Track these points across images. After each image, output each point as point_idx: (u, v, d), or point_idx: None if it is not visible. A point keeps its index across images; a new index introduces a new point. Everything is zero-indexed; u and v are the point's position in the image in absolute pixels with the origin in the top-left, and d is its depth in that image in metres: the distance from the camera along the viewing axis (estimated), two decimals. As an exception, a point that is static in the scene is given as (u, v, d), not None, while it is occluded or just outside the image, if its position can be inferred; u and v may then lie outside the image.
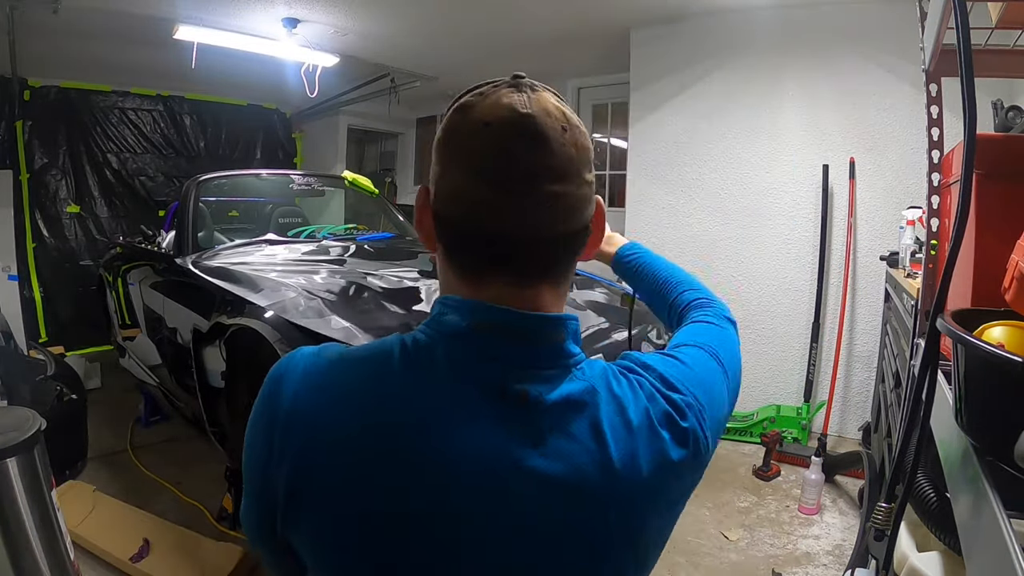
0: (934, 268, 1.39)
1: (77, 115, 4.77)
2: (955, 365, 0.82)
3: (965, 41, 0.80)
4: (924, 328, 1.33)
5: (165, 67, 4.37)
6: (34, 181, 4.55)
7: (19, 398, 2.10)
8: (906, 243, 2.15)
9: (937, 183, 1.38)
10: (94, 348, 4.37)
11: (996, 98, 1.55)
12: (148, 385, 3.04)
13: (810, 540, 2.20)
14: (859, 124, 3.07)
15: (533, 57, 4.38)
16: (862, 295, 3.14)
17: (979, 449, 0.78)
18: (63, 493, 2.03)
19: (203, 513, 2.27)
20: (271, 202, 3.60)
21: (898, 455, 1.12)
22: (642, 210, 3.73)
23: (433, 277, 2.13)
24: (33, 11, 3.18)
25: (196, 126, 5.44)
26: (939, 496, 1.17)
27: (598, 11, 3.43)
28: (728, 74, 3.41)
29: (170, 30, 3.42)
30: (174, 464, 2.70)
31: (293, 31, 3.59)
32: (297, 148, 6.19)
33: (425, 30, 3.83)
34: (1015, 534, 0.61)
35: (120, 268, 3.27)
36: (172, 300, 2.43)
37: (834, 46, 3.09)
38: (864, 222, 3.10)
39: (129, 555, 1.93)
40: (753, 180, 3.35)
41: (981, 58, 1.21)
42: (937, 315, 0.90)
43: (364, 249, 2.62)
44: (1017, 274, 0.82)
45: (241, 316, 1.77)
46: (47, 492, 1.14)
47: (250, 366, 1.93)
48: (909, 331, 1.57)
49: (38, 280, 4.57)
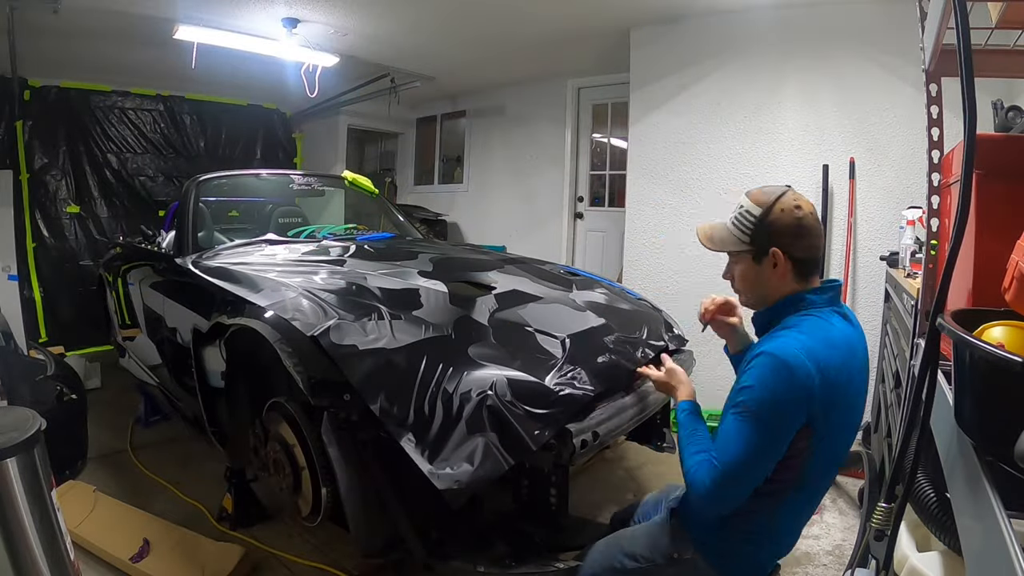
0: (934, 268, 1.39)
1: (77, 115, 4.77)
2: (955, 365, 0.82)
3: (965, 41, 0.80)
4: (924, 328, 1.33)
5: (165, 67, 4.37)
6: (34, 181, 4.55)
7: (19, 398, 2.10)
8: (906, 243, 2.16)
9: (937, 183, 1.38)
10: (94, 348, 4.37)
11: (996, 98, 1.55)
12: (148, 385, 3.04)
13: (810, 540, 2.20)
14: (859, 124, 3.07)
15: (533, 57, 4.39)
16: (862, 295, 3.14)
17: (979, 449, 0.78)
18: (63, 493, 2.03)
19: (203, 513, 2.27)
20: (271, 202, 3.60)
21: (898, 455, 1.12)
22: (642, 210, 3.73)
23: (432, 277, 2.13)
24: (33, 11, 3.18)
25: (196, 126, 5.44)
26: (939, 496, 1.17)
27: (598, 11, 3.43)
28: (728, 74, 3.41)
29: (170, 30, 3.42)
30: (174, 464, 2.70)
31: (293, 31, 3.59)
32: (297, 148, 6.19)
33: (425, 30, 3.83)
34: (1015, 534, 0.61)
35: (120, 268, 3.27)
36: (172, 300, 2.43)
37: (834, 46, 3.09)
38: (864, 222, 3.10)
39: (129, 555, 1.93)
40: (753, 180, 3.34)
41: (981, 58, 1.21)
42: (937, 315, 0.90)
43: (364, 249, 2.62)
44: (1017, 274, 0.82)
45: (241, 316, 1.77)
46: (47, 492, 1.14)
47: (250, 366, 1.93)
48: (909, 331, 1.57)
49: (38, 280, 4.56)
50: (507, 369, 1.52)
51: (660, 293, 3.49)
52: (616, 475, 2.71)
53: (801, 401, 1.06)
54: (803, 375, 1.05)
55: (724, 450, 1.11)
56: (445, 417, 1.39)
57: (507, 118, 5.41)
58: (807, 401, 1.06)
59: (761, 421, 1.07)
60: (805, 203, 1.20)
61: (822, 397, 1.07)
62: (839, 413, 1.11)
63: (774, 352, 1.08)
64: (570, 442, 1.45)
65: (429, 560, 1.48)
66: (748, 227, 1.21)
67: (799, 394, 1.06)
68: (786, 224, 1.17)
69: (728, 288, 1.34)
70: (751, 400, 1.09)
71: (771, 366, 1.08)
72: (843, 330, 1.16)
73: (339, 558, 1.99)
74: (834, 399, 1.09)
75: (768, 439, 1.08)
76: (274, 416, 1.78)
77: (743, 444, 1.09)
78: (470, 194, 5.79)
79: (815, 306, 1.17)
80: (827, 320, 1.15)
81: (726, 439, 1.12)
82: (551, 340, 1.74)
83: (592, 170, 4.99)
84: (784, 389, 1.06)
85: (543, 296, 2.09)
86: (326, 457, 1.53)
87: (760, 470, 1.11)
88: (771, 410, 1.07)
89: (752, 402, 1.08)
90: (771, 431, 1.08)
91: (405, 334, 1.60)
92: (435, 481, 1.29)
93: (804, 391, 1.06)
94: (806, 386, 1.05)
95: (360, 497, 1.49)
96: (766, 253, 1.19)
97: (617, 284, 2.93)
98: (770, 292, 1.22)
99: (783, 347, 1.09)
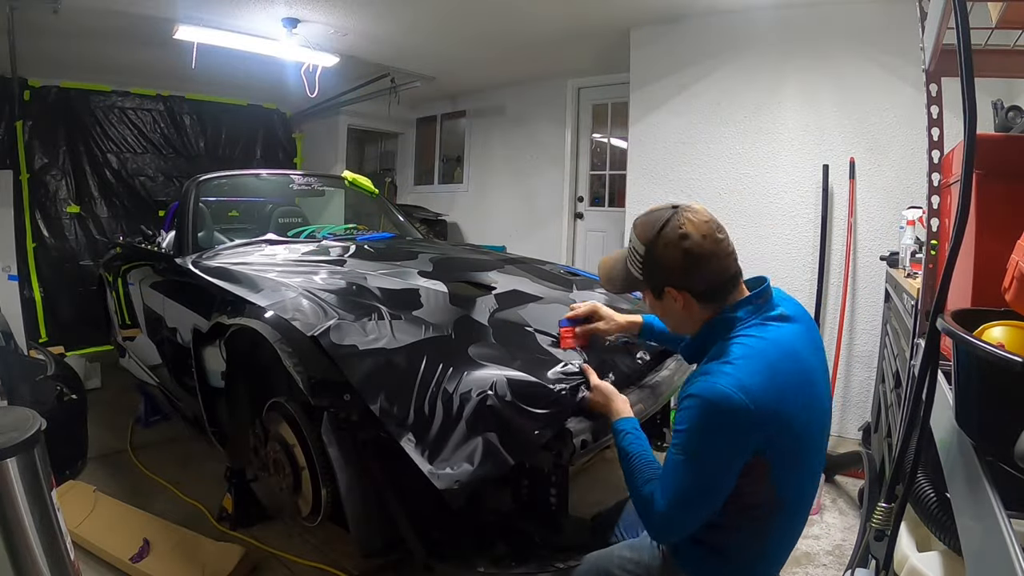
0: (934, 268, 1.39)
1: (77, 115, 4.77)
2: (955, 365, 0.82)
3: (965, 41, 0.80)
4: (924, 328, 1.33)
5: (165, 67, 4.37)
6: (34, 181, 4.55)
7: (19, 398, 2.10)
8: (906, 243, 2.16)
9: (937, 183, 1.38)
10: (94, 348, 4.37)
11: (996, 98, 1.55)
12: (148, 385, 3.04)
13: (810, 540, 2.20)
14: (859, 124, 3.07)
15: (533, 57, 4.39)
16: (862, 295, 3.14)
17: (979, 449, 0.78)
18: (63, 493, 2.03)
19: (203, 513, 2.27)
20: (271, 202, 3.60)
21: (898, 455, 1.12)
22: (642, 210, 3.71)
23: (432, 277, 2.13)
24: (33, 11, 3.18)
25: (196, 126, 5.44)
26: (939, 496, 1.17)
27: (598, 11, 3.43)
28: (728, 74, 3.41)
29: (170, 30, 3.42)
30: (174, 464, 2.70)
31: (293, 31, 3.60)
32: (297, 148, 6.19)
33: (425, 30, 3.83)
34: (1015, 534, 0.61)
35: (120, 268, 3.26)
36: (172, 300, 2.43)
37: (834, 46, 3.10)
38: (864, 222, 3.10)
39: (129, 555, 1.93)
40: (753, 180, 3.35)
41: (981, 58, 1.21)
42: (937, 315, 0.90)
43: (364, 249, 2.62)
44: (1017, 274, 0.82)
45: (241, 316, 1.77)
46: (47, 492, 1.14)
47: (250, 366, 1.93)
48: (909, 331, 1.58)
49: (38, 280, 4.56)
50: (507, 369, 1.52)
51: (660, 293, 3.49)
52: (616, 475, 2.69)
53: (738, 438, 1.00)
54: (735, 414, 0.97)
55: (667, 487, 1.06)
56: (445, 417, 1.39)
57: (507, 118, 5.41)
58: (746, 435, 0.99)
59: (699, 462, 1.02)
60: (695, 224, 1.07)
61: (764, 426, 0.99)
62: (794, 430, 1.04)
63: (701, 394, 1.01)
64: (570, 442, 1.45)
65: (429, 560, 1.48)
66: (638, 265, 1.14)
67: (734, 432, 0.99)
68: (673, 259, 1.08)
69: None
70: (687, 443, 1.03)
71: (700, 408, 1.00)
72: (780, 338, 1.06)
73: (339, 558, 1.99)
74: (781, 422, 1.01)
75: (709, 479, 1.03)
76: (274, 416, 1.78)
77: (687, 484, 1.04)
78: (470, 194, 5.79)
79: (743, 323, 1.07)
80: (759, 336, 1.05)
81: (668, 476, 1.07)
82: (551, 340, 1.74)
83: (592, 170, 4.99)
84: (715, 430, 1.00)
85: (543, 296, 2.09)
86: (326, 457, 1.53)
87: (708, 504, 1.06)
88: (708, 452, 1.01)
89: (689, 444, 1.03)
90: (711, 471, 1.02)
91: (405, 334, 1.60)
92: (435, 481, 1.28)
93: (739, 428, 0.99)
94: (740, 424, 0.98)
95: (360, 497, 1.49)
96: (663, 292, 1.12)
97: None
98: (687, 323, 1.15)
99: (710, 387, 1.00)
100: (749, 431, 0.99)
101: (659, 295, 1.14)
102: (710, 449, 1.02)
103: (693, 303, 1.11)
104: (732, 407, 0.97)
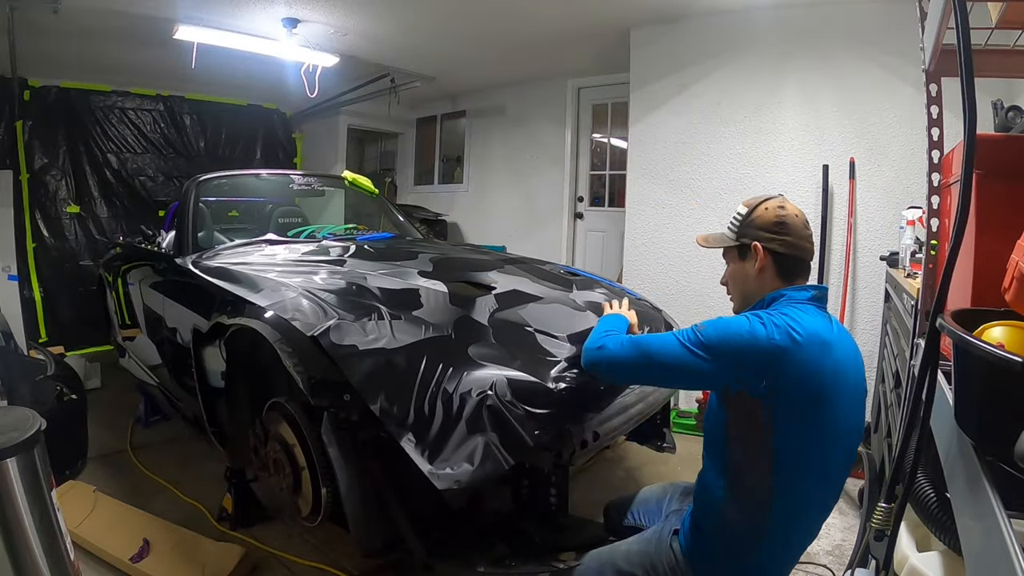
0: (934, 268, 1.39)
1: (77, 115, 4.77)
2: (955, 365, 0.82)
3: (965, 41, 0.80)
4: (924, 328, 1.33)
5: (165, 67, 4.37)
6: (34, 181, 4.55)
7: (19, 398, 2.10)
8: (906, 243, 2.16)
9: (937, 183, 1.38)
10: (94, 348, 4.37)
11: (996, 98, 1.55)
12: (148, 385, 3.04)
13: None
14: (859, 124, 3.07)
15: (533, 57, 4.39)
16: (862, 295, 3.14)
17: (979, 449, 0.78)
18: (63, 493, 2.04)
19: (203, 513, 2.27)
20: (271, 202, 3.60)
21: (898, 455, 1.12)
22: (642, 210, 3.73)
23: (432, 277, 2.13)
24: (33, 11, 3.18)
25: (196, 126, 5.44)
26: (939, 496, 1.17)
27: (598, 11, 3.43)
28: (728, 74, 3.41)
29: (170, 30, 3.42)
30: (174, 464, 2.70)
31: (293, 31, 3.59)
32: (297, 148, 6.19)
33: (425, 30, 3.82)
34: (1015, 534, 0.61)
35: (120, 268, 3.27)
36: (172, 300, 2.43)
37: (834, 46, 3.09)
38: (864, 222, 3.10)
39: (129, 555, 1.93)
40: (753, 180, 3.34)
41: (981, 58, 1.21)
42: (937, 315, 0.90)
43: (364, 249, 2.62)
44: (1017, 274, 0.82)
45: (241, 316, 1.77)
46: (47, 492, 1.14)
47: (250, 366, 1.93)
48: (909, 331, 1.58)
49: (38, 280, 4.56)
50: (507, 369, 1.52)
51: (660, 293, 3.49)
52: (616, 475, 2.71)
53: (751, 351, 1.08)
54: (763, 332, 1.08)
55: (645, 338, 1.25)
56: (445, 417, 1.39)
57: (507, 118, 5.41)
58: (758, 355, 1.07)
59: (703, 336, 1.14)
60: (792, 207, 1.25)
61: (782, 364, 1.06)
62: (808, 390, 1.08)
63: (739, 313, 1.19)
64: (570, 442, 1.45)
65: (429, 560, 1.48)
66: (735, 225, 1.28)
67: (752, 343, 1.08)
68: (767, 219, 1.23)
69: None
70: (700, 324, 1.16)
71: (734, 318, 1.15)
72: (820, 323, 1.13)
73: (339, 558, 1.99)
74: (800, 376, 1.07)
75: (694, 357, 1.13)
76: (274, 416, 1.78)
77: (668, 338, 1.18)
78: (470, 194, 5.79)
79: (794, 301, 1.18)
80: (803, 310, 1.14)
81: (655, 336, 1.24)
82: (551, 340, 1.74)
83: (592, 170, 4.99)
84: (736, 330, 1.11)
85: (543, 296, 2.09)
86: (326, 457, 1.53)
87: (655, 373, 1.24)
88: (716, 334, 1.12)
89: (701, 325, 1.16)
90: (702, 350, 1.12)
91: (405, 334, 1.60)
92: (435, 481, 1.29)
93: (759, 344, 1.07)
94: (762, 343, 1.07)
95: (360, 497, 1.49)
96: (749, 248, 1.24)
97: (617, 284, 2.93)
98: (753, 290, 1.25)
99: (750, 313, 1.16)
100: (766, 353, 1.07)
101: (743, 254, 1.26)
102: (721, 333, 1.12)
103: (769, 267, 1.22)
104: (762, 326, 1.09)
